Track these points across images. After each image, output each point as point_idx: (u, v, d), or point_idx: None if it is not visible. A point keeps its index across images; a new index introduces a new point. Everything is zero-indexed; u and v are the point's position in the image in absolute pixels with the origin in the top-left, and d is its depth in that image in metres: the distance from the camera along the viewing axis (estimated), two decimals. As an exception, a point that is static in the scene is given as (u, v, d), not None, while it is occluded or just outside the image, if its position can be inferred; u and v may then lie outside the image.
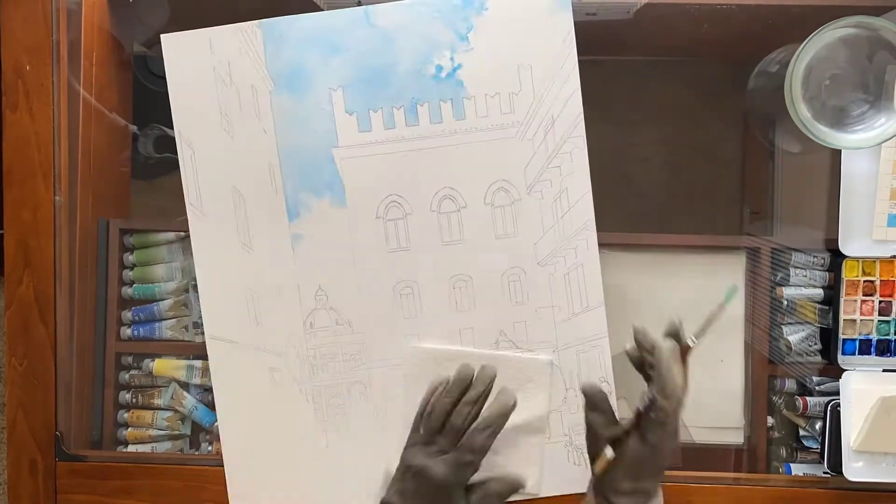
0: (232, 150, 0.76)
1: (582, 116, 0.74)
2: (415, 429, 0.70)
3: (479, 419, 0.67)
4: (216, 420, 0.88)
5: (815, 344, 0.85)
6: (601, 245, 0.77)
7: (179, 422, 0.90)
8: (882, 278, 0.81)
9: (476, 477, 0.67)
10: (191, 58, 0.76)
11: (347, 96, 0.75)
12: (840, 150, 0.77)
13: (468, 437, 0.66)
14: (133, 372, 0.90)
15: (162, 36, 0.76)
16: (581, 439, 0.73)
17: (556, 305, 0.76)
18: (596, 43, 0.76)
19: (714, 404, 0.86)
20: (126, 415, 0.89)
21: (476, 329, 0.76)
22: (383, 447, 0.76)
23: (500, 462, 0.74)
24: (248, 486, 0.78)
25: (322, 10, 0.89)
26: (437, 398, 0.69)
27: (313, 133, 0.76)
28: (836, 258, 0.82)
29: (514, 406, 0.69)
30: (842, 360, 0.81)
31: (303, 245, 0.77)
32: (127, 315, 0.90)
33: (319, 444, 0.77)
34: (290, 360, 0.77)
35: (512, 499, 0.70)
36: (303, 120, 0.75)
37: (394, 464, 0.70)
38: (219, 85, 0.76)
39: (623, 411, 0.80)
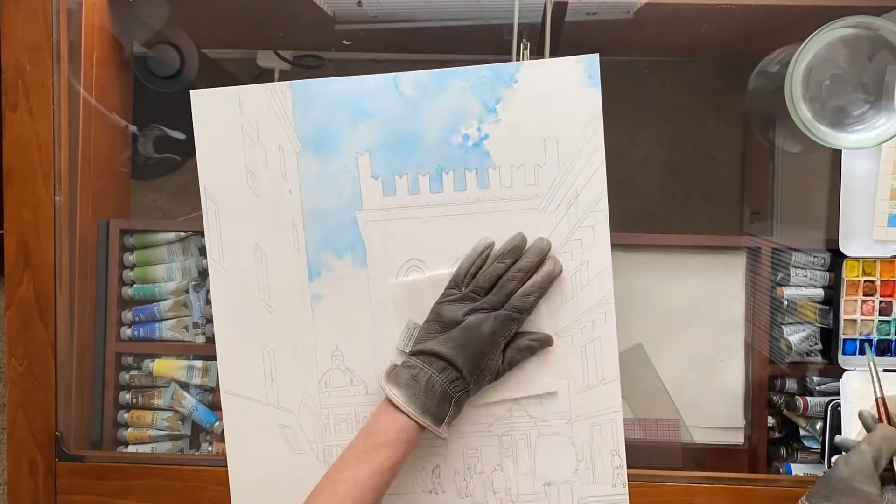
0: (256, 208, 0.77)
1: (605, 192, 0.74)
2: (453, 286, 0.73)
3: (529, 283, 0.72)
4: (216, 420, 0.88)
5: (816, 344, 0.85)
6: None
7: (179, 422, 0.90)
8: (882, 278, 0.81)
9: None
10: (219, 115, 0.76)
11: (374, 161, 0.76)
12: (840, 150, 0.77)
13: (519, 298, 0.71)
14: (133, 372, 0.90)
15: (191, 92, 0.76)
16: None
17: (571, 377, 0.76)
18: (596, 43, 0.76)
19: (715, 404, 0.86)
20: (126, 415, 0.89)
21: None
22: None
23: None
24: None
25: (324, 11, 0.89)
26: (489, 262, 0.73)
27: (338, 195, 0.76)
28: (837, 258, 0.82)
29: (560, 273, 0.74)
30: (842, 359, 0.81)
31: (322, 305, 0.77)
32: (127, 315, 0.90)
33: None
34: (304, 418, 0.78)
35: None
36: (328, 182, 0.76)
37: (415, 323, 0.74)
38: (246, 143, 0.76)
39: (624, 411, 0.80)
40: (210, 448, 0.89)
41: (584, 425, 0.76)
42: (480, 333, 0.69)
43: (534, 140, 0.75)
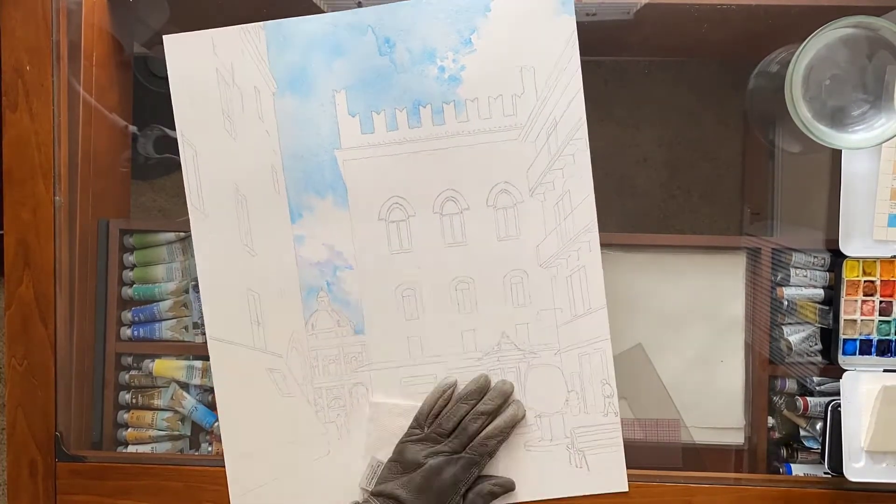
0: (234, 152, 0.76)
1: (584, 119, 0.74)
2: (416, 426, 0.74)
3: (492, 426, 0.73)
4: (216, 420, 0.88)
5: (816, 344, 0.85)
6: (602, 245, 0.76)
7: (179, 422, 0.90)
8: (882, 278, 0.81)
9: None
10: (193, 59, 0.76)
11: (350, 98, 0.75)
12: (840, 150, 0.77)
13: (481, 442, 0.72)
14: (133, 372, 0.90)
15: (164, 37, 0.76)
16: (583, 441, 0.74)
17: (558, 308, 0.76)
18: (596, 43, 0.76)
19: (714, 404, 0.86)
20: (126, 415, 0.89)
21: (478, 331, 0.76)
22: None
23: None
24: (249, 487, 0.79)
25: (323, 11, 0.89)
26: (452, 403, 0.74)
27: (316, 135, 0.76)
28: (837, 258, 0.82)
29: (523, 417, 0.75)
30: (842, 360, 0.81)
31: (305, 246, 0.77)
32: (127, 315, 0.90)
33: (320, 446, 0.78)
34: (291, 361, 0.77)
35: (505, 501, 0.75)
36: (305, 121, 0.76)
37: (381, 455, 0.73)
38: (221, 86, 0.76)
39: (624, 411, 0.80)
40: (210, 448, 0.89)
41: (572, 355, 0.76)
42: (441, 480, 0.70)
43: (511, 70, 0.74)
